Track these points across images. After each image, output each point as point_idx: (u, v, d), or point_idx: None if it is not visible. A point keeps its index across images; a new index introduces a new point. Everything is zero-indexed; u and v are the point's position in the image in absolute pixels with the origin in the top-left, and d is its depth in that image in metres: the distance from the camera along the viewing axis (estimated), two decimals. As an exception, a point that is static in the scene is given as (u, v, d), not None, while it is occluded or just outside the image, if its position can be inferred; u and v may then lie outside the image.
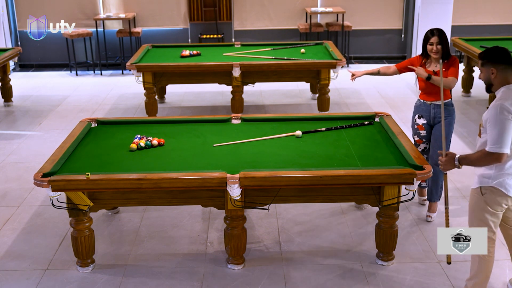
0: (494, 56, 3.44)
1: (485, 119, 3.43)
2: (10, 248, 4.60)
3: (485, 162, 3.41)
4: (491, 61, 3.44)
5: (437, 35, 4.57)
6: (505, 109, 3.31)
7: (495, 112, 3.33)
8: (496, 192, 3.47)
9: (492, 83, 3.49)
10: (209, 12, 10.60)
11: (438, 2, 10.10)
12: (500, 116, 3.31)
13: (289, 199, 4.16)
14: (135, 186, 3.88)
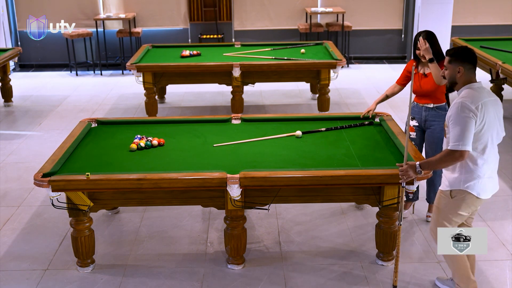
0: (463, 54, 3.45)
1: (448, 118, 3.43)
2: (10, 248, 4.60)
3: (448, 161, 3.40)
4: (460, 60, 3.45)
5: (424, 38, 4.51)
6: (466, 107, 3.32)
7: (456, 110, 3.35)
8: (467, 195, 3.49)
9: (456, 82, 3.51)
10: (209, 12, 10.60)
11: (438, 2, 10.10)
12: (461, 114, 3.32)
13: (289, 199, 4.16)
14: (135, 186, 3.88)
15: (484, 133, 3.39)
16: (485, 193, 3.53)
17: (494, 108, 3.43)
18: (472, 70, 3.47)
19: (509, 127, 7.18)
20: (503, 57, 7.12)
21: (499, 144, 6.70)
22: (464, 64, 3.44)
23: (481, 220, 4.91)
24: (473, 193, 3.48)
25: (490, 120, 3.40)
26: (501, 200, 5.26)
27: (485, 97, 3.41)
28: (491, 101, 3.42)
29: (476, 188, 3.47)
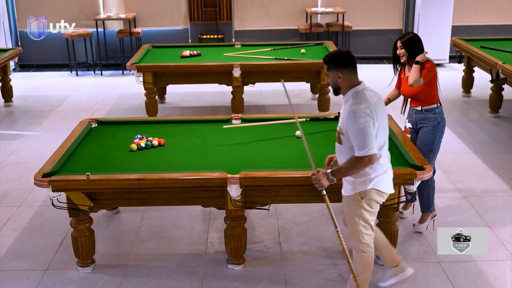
0: (339, 60, 3.46)
1: (345, 127, 3.41)
2: (10, 248, 4.60)
3: (359, 167, 3.40)
4: (337, 65, 3.46)
5: (400, 40, 4.50)
6: (361, 111, 3.33)
7: (353, 117, 3.34)
8: (375, 193, 3.52)
9: (339, 87, 3.52)
10: (209, 12, 10.60)
11: (438, 2, 10.10)
12: (359, 120, 3.32)
13: (289, 199, 4.16)
14: (135, 186, 3.88)
15: (380, 132, 3.42)
16: (389, 187, 3.58)
17: (381, 106, 3.47)
18: (352, 72, 3.47)
19: (509, 127, 7.19)
20: (503, 57, 7.12)
21: (499, 144, 6.74)
22: (341, 68, 3.45)
23: (481, 220, 4.91)
24: (380, 189, 3.52)
25: (381, 118, 3.44)
26: (501, 200, 5.26)
27: (372, 98, 3.43)
28: (378, 100, 3.45)
29: (381, 184, 3.52)
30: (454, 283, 4.05)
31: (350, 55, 3.46)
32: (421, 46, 4.50)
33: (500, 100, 7.55)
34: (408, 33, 4.56)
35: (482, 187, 5.53)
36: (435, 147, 4.55)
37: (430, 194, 4.62)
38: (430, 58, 4.52)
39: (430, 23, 10.18)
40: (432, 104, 4.52)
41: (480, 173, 5.83)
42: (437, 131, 4.52)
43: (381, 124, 3.43)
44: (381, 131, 3.43)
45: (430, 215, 4.68)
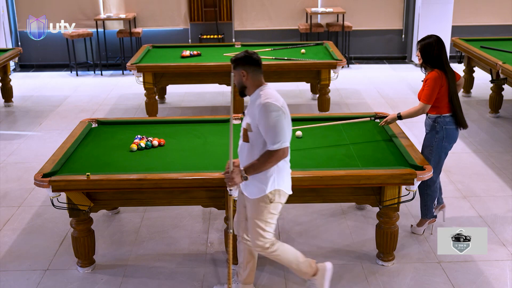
0: (244, 59, 3.49)
1: (255, 123, 3.41)
2: (11, 249, 4.60)
3: (273, 161, 3.41)
4: (241, 64, 3.50)
5: (418, 43, 4.42)
6: (273, 106, 3.36)
7: (266, 111, 3.36)
8: (282, 194, 3.54)
9: (245, 86, 3.54)
10: (209, 13, 10.60)
11: (438, 3, 10.10)
12: (272, 114, 3.35)
13: (290, 199, 4.14)
14: (135, 186, 3.88)
15: (288, 130, 3.46)
16: (290, 188, 3.61)
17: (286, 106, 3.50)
18: (257, 72, 3.50)
19: (509, 127, 7.19)
20: (503, 57, 7.12)
21: (500, 144, 6.74)
22: (246, 67, 3.49)
23: (481, 220, 4.91)
24: (285, 190, 3.56)
25: (289, 117, 3.48)
26: (501, 200, 5.26)
27: (280, 96, 3.49)
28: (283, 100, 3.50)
29: (285, 185, 3.56)
30: (454, 283, 4.05)
31: (255, 56, 3.51)
32: (440, 51, 4.33)
33: (500, 100, 7.55)
34: (430, 36, 4.40)
35: (482, 187, 5.53)
36: (435, 157, 4.45)
37: (428, 203, 4.61)
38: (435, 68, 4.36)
39: (430, 23, 10.18)
40: (436, 113, 4.39)
41: (480, 173, 5.83)
42: (435, 141, 4.42)
43: (289, 123, 3.48)
44: (289, 130, 3.47)
45: (428, 221, 4.67)
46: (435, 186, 4.55)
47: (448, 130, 4.40)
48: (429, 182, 4.48)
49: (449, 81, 4.33)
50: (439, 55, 4.33)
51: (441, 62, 4.34)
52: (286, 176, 3.56)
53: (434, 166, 4.44)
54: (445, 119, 4.39)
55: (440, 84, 4.31)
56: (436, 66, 4.35)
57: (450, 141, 4.44)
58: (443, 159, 4.50)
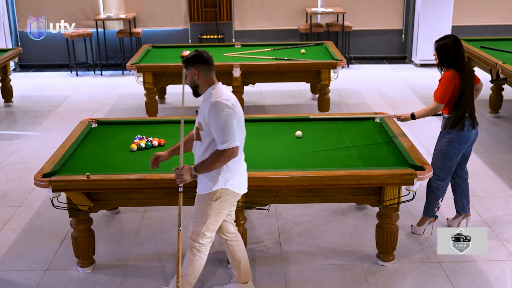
0: (194, 58, 3.49)
1: (206, 121, 3.42)
2: (11, 249, 4.60)
3: (222, 160, 3.41)
4: (192, 63, 3.50)
5: (435, 42, 4.40)
6: (223, 104, 3.37)
7: (216, 110, 3.37)
8: (230, 194, 3.53)
9: (197, 84, 3.54)
10: (209, 13, 10.60)
11: (438, 3, 10.10)
12: (221, 112, 3.35)
13: (290, 199, 4.16)
14: (135, 186, 3.88)
15: (239, 129, 3.47)
16: (242, 188, 3.62)
17: (239, 105, 3.51)
18: (208, 70, 3.50)
19: (509, 127, 7.19)
20: (503, 57, 7.12)
21: (500, 144, 6.74)
22: (196, 65, 3.48)
23: (481, 220, 4.91)
24: (235, 190, 3.55)
25: (240, 117, 3.49)
26: (501, 200, 5.27)
27: (232, 94, 3.51)
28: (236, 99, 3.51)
29: (236, 185, 3.55)
30: (454, 283, 4.05)
31: (205, 54, 3.51)
32: (456, 52, 4.30)
33: (500, 100, 7.55)
34: (447, 36, 4.37)
35: (482, 187, 5.53)
36: (444, 156, 4.43)
37: (431, 200, 4.60)
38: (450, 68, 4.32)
39: (430, 23, 10.18)
40: (448, 113, 4.39)
41: (480, 173, 5.83)
42: (446, 141, 4.40)
43: (240, 123, 3.48)
44: (241, 129, 3.48)
45: (428, 219, 4.66)
46: (442, 185, 4.53)
47: (459, 131, 4.38)
48: (436, 180, 4.49)
49: (463, 81, 4.29)
50: (455, 55, 4.30)
51: (457, 62, 4.31)
52: (237, 176, 3.55)
53: (442, 165, 4.45)
54: None
55: (454, 84, 4.29)
56: (452, 66, 4.33)
57: (461, 142, 4.40)
58: (453, 159, 4.45)
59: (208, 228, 3.60)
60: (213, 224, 3.61)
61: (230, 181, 3.52)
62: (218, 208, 3.56)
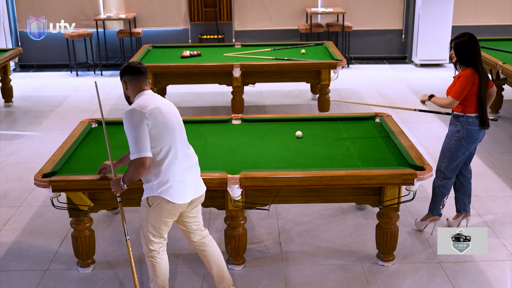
0: (123, 69, 3.50)
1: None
2: (11, 249, 4.60)
3: (135, 171, 3.34)
4: (121, 74, 3.51)
5: (453, 40, 4.38)
6: (135, 114, 3.32)
7: (127, 118, 3.33)
8: (163, 201, 3.45)
9: (128, 95, 3.54)
10: (209, 13, 10.61)
11: (438, 3, 10.10)
12: (132, 121, 3.31)
13: (290, 199, 4.16)
14: (135, 186, 3.87)
15: (162, 137, 3.37)
16: (181, 198, 3.46)
17: (169, 111, 3.44)
18: (137, 80, 3.47)
19: (509, 127, 7.19)
20: (503, 57, 7.12)
21: (500, 144, 6.72)
22: (125, 76, 3.49)
23: (481, 220, 4.91)
24: (168, 198, 3.42)
25: (167, 123, 3.39)
26: (501, 200, 5.27)
27: (153, 102, 3.41)
28: (161, 106, 3.42)
29: (169, 193, 3.42)
30: (454, 283, 4.05)
31: (134, 64, 3.50)
32: (474, 50, 4.30)
33: (500, 101, 7.55)
34: (464, 34, 4.35)
35: (482, 187, 5.53)
36: (452, 155, 4.43)
37: (437, 198, 4.60)
38: (469, 67, 4.32)
39: (430, 23, 10.19)
40: (461, 111, 4.37)
41: (480, 174, 5.83)
42: (455, 139, 4.40)
43: (166, 129, 3.38)
44: (164, 136, 3.38)
45: (431, 217, 4.66)
46: (448, 184, 4.54)
47: (470, 130, 4.37)
48: (442, 178, 4.49)
49: (482, 80, 4.29)
50: (473, 53, 4.30)
51: (475, 61, 4.31)
52: (172, 184, 3.43)
53: (449, 164, 4.46)
54: (468, 119, 4.36)
55: (472, 82, 4.28)
56: (470, 64, 4.32)
57: (470, 142, 4.40)
58: (460, 158, 4.46)
59: (152, 234, 3.56)
60: (156, 230, 3.54)
61: (161, 188, 3.41)
62: (156, 215, 3.49)
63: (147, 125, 3.31)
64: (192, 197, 3.55)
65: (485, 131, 4.46)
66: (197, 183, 3.61)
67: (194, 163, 3.61)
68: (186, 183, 3.49)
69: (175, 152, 3.44)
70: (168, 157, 3.41)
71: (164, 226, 3.55)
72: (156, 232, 3.56)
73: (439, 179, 4.54)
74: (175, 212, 3.52)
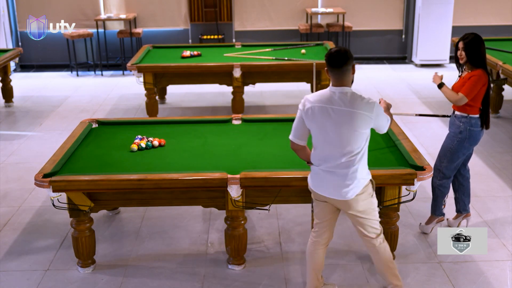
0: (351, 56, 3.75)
1: None
2: (11, 249, 4.61)
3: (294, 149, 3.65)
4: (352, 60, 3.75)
5: (462, 41, 4.31)
6: (302, 102, 3.57)
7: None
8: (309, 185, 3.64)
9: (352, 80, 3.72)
10: (209, 13, 10.61)
11: (438, 3, 10.10)
12: (299, 107, 3.56)
13: (290, 199, 4.16)
14: (135, 186, 3.88)
15: (313, 133, 3.51)
16: (312, 186, 3.61)
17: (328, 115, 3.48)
18: (332, 73, 3.71)
19: (509, 127, 7.19)
20: (503, 57, 7.12)
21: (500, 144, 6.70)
22: (327, 66, 3.68)
23: (481, 220, 4.91)
24: (309, 183, 3.64)
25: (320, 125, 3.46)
26: (502, 200, 5.27)
27: (325, 102, 3.55)
28: (332, 109, 3.51)
29: (310, 179, 3.63)
30: (454, 283, 4.05)
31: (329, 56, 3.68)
32: (484, 50, 4.28)
33: (500, 101, 7.55)
34: (471, 34, 4.32)
35: (483, 187, 5.53)
36: (453, 156, 4.43)
37: (438, 198, 4.60)
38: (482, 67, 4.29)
39: (431, 23, 10.19)
40: (465, 112, 4.35)
41: (480, 174, 5.83)
42: (457, 140, 4.39)
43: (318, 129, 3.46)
44: (318, 133, 3.48)
45: (436, 218, 4.66)
46: (447, 182, 4.54)
47: (472, 131, 4.37)
48: (441, 177, 4.49)
49: (489, 82, 4.31)
50: (483, 53, 4.29)
51: (484, 61, 4.30)
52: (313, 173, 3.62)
53: (449, 164, 4.46)
54: (471, 121, 4.35)
55: (483, 82, 4.27)
56: (479, 65, 4.29)
57: (471, 143, 4.41)
58: (460, 158, 4.47)
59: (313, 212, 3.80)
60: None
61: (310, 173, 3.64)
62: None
63: (302, 118, 3.52)
64: (324, 193, 3.56)
65: (484, 131, 4.46)
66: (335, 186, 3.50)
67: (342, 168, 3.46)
68: (320, 176, 3.55)
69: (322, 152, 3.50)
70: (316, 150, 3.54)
71: (314, 204, 3.71)
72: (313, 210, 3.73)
73: (438, 179, 4.54)
74: (315, 198, 3.66)
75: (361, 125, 3.44)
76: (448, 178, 4.53)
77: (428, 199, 4.98)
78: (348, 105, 3.49)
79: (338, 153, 3.43)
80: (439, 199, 4.60)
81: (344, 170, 3.46)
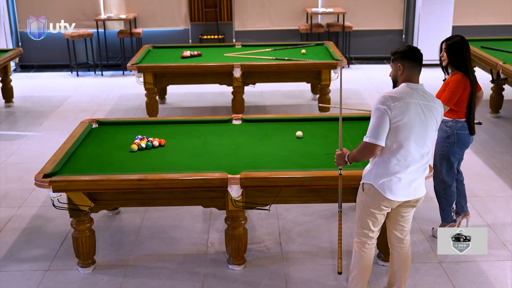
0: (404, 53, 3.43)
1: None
2: (11, 249, 4.61)
3: (362, 152, 3.35)
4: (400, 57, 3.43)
5: (446, 42, 4.29)
6: (384, 100, 3.27)
7: (376, 101, 3.32)
8: (375, 192, 3.41)
9: (397, 80, 3.50)
10: (209, 13, 10.61)
11: (438, 3, 10.10)
12: (377, 105, 3.29)
13: (290, 199, 4.16)
14: (136, 186, 3.88)
15: (398, 133, 3.29)
16: (393, 194, 3.37)
17: (419, 111, 3.33)
18: (412, 68, 3.41)
19: (509, 127, 7.19)
20: (503, 57, 7.12)
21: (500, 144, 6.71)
22: (403, 61, 3.41)
23: (481, 220, 4.91)
24: (380, 190, 3.38)
25: (410, 121, 3.29)
26: (502, 200, 5.27)
27: (414, 97, 3.34)
28: (421, 104, 3.34)
29: (383, 186, 3.37)
30: (454, 283, 4.05)
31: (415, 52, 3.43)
32: (467, 53, 4.23)
33: (501, 101, 7.55)
34: (456, 36, 4.30)
35: (483, 187, 5.53)
36: (448, 161, 4.42)
37: (445, 207, 4.57)
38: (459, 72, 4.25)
39: (431, 23, 10.19)
40: (450, 117, 4.34)
41: (480, 173, 5.83)
42: (446, 145, 4.38)
43: (406, 127, 3.28)
44: (402, 132, 3.28)
45: (447, 225, 4.62)
46: (452, 190, 4.51)
47: (460, 135, 4.35)
48: (445, 186, 4.48)
49: (472, 85, 4.25)
50: (466, 56, 4.24)
51: (465, 64, 4.25)
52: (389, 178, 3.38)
53: (447, 170, 4.45)
54: (458, 124, 4.34)
55: (464, 87, 4.22)
56: (460, 68, 4.25)
57: (461, 147, 4.40)
58: (455, 162, 4.46)
59: (360, 224, 3.56)
60: (364, 218, 3.51)
61: (381, 180, 3.36)
62: (365, 202, 3.47)
63: (388, 117, 3.26)
64: (403, 197, 3.42)
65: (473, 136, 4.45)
66: (415, 185, 3.43)
67: (421, 165, 3.42)
68: (402, 182, 3.37)
69: (406, 152, 3.32)
70: (398, 154, 3.32)
71: (371, 216, 3.49)
72: (363, 222, 3.53)
73: (442, 188, 4.51)
74: (384, 206, 3.43)
75: (439, 119, 3.44)
76: (450, 186, 4.51)
77: (428, 199, 4.99)
78: (431, 100, 3.41)
79: (421, 148, 3.37)
80: (447, 208, 4.57)
81: (423, 165, 3.43)
